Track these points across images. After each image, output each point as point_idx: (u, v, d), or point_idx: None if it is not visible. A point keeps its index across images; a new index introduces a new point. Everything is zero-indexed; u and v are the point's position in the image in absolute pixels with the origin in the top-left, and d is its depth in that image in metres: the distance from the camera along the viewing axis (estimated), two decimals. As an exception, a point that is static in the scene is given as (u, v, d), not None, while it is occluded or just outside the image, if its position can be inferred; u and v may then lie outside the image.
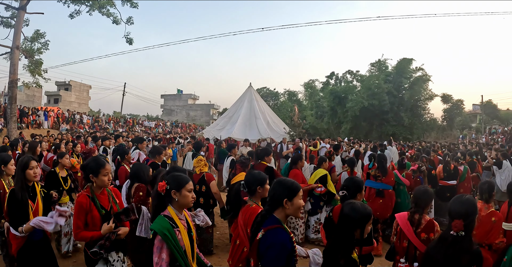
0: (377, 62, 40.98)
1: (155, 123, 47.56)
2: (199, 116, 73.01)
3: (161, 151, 7.82)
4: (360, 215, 3.00)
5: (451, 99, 41.56)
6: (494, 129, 39.64)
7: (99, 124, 36.60)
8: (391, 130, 36.96)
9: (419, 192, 4.33)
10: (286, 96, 54.90)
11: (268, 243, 2.74)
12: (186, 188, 3.22)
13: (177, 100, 76.87)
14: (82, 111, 44.53)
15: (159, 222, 3.11)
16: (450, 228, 3.16)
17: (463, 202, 3.21)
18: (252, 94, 27.30)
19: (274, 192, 2.93)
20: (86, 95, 59.73)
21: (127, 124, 41.24)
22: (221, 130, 24.67)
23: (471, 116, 53.81)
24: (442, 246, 3.20)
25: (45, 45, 22.42)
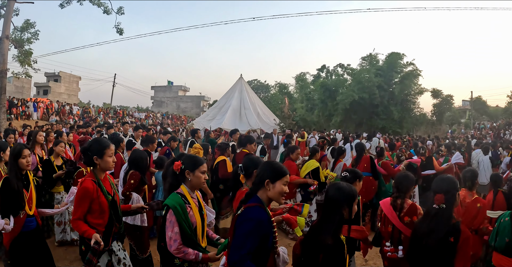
0: (368, 56, 40.92)
1: (145, 114, 47.38)
2: (189, 108, 72.72)
3: (154, 140, 7.99)
4: (347, 193, 3.01)
5: (441, 94, 41.64)
6: (482, 125, 39.89)
7: (89, 115, 36.39)
8: (381, 124, 37.07)
9: (400, 177, 4.48)
10: (277, 88, 54.81)
11: (243, 218, 2.76)
12: (200, 169, 3.38)
13: (168, 92, 76.47)
14: (72, 102, 44.17)
15: (172, 197, 3.27)
16: (433, 202, 3.41)
17: (444, 179, 3.54)
18: (243, 85, 27.35)
19: (259, 172, 2.97)
20: (76, 86, 59.22)
21: (117, 116, 41.03)
22: (211, 121, 24.71)
23: (461, 112, 54.15)
24: (425, 219, 3.48)
25: (35, 35, 22.28)
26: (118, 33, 23.51)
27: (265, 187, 2.85)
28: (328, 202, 3.06)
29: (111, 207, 3.68)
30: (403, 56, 38.80)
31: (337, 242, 2.93)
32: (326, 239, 2.87)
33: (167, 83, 77.72)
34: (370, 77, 36.77)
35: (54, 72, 55.81)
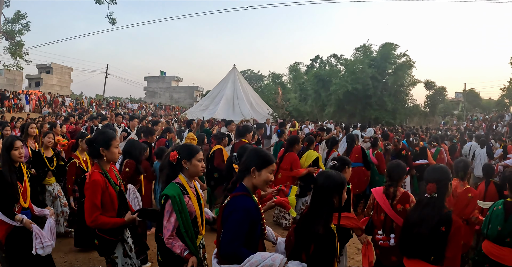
0: (362, 46, 40.83)
1: (138, 105, 47.22)
2: (182, 98, 72.49)
3: (153, 132, 8.03)
4: (336, 181, 3.00)
5: (434, 86, 41.80)
6: (475, 117, 40.03)
7: (81, 107, 36.21)
8: (374, 115, 37.08)
9: (392, 165, 4.51)
10: (270, 79, 54.67)
11: (231, 208, 2.78)
12: (196, 157, 3.43)
13: (161, 83, 76.19)
14: (64, 94, 43.90)
15: (171, 187, 3.29)
16: (425, 191, 3.38)
17: (436, 168, 3.47)
18: (236, 75, 27.32)
19: (245, 159, 2.97)
20: (68, 78, 58.92)
21: (110, 107, 40.86)
22: (204, 111, 24.66)
23: (454, 104, 54.45)
24: (417, 207, 3.44)
25: (26, 26, 22.12)
26: (110, 23, 23.30)
27: (250, 174, 2.88)
28: (317, 191, 3.05)
29: (119, 197, 3.74)
30: (397, 47, 38.82)
31: (328, 232, 2.92)
32: (317, 228, 2.86)
33: (160, 73, 77.42)
34: (363, 68, 36.79)
35: (46, 64, 55.56)
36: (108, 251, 3.71)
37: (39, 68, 55.48)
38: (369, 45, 40.56)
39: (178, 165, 3.39)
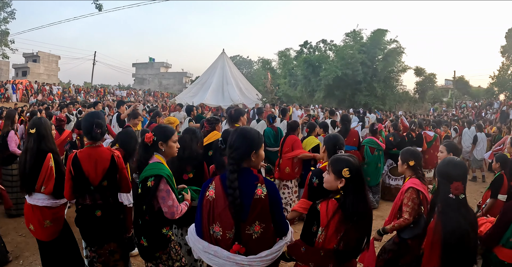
0: (352, 32, 40.87)
1: (126, 92, 46.87)
2: (171, 84, 72.02)
3: (136, 115, 7.82)
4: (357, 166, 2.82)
5: (424, 72, 41.99)
6: (464, 104, 40.23)
7: (69, 95, 35.85)
8: (363, 100, 37.09)
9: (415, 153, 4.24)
10: (260, 64, 54.52)
11: (276, 193, 2.75)
12: (172, 139, 3.45)
13: (149, 69, 75.53)
14: (52, 83, 43.41)
15: (157, 166, 3.23)
16: (448, 192, 2.92)
17: (459, 164, 3.01)
18: (225, 61, 27.16)
19: (240, 145, 2.75)
20: (55, 66, 58.30)
21: (98, 94, 40.52)
22: (193, 97, 24.49)
23: (443, 91, 54.60)
24: (448, 214, 2.92)
25: (11, 15, 21.75)
26: (97, 8, 22.95)
27: (250, 158, 2.75)
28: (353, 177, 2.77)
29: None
30: (386, 32, 38.84)
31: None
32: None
33: (148, 60, 76.70)
34: (353, 53, 36.82)
35: (33, 52, 54.92)
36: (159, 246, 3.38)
37: (26, 57, 54.84)
38: (359, 31, 40.61)
39: (153, 146, 3.38)
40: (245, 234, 2.64)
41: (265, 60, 53.15)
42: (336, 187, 2.79)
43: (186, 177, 4.21)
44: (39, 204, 4.10)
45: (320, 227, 2.69)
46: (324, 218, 2.69)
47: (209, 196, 2.72)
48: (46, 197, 4.13)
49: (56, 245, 4.23)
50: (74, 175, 3.64)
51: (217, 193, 2.70)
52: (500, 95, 42.79)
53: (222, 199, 2.66)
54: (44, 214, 4.11)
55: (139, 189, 3.26)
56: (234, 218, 2.63)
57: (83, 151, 3.74)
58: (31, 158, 4.13)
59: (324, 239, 2.68)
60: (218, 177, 2.80)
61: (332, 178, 2.81)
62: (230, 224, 2.64)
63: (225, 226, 2.65)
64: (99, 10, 22.96)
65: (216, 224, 2.68)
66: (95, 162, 3.65)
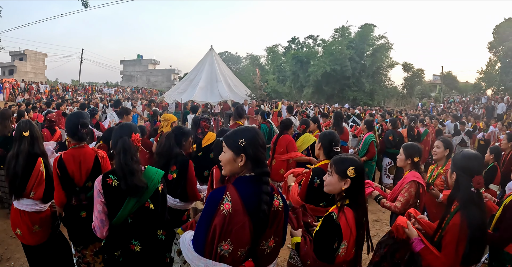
0: (340, 28, 41.13)
1: (114, 90, 46.54)
2: (160, 81, 71.48)
3: (129, 111, 7.73)
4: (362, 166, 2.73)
5: (412, 68, 42.45)
6: (452, 99, 40.44)
7: (56, 93, 35.52)
8: (352, 96, 37.49)
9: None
10: (249, 60, 54.53)
11: (287, 207, 2.53)
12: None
13: (137, 66, 74.79)
14: (39, 81, 42.97)
15: (156, 168, 3.02)
16: (469, 186, 2.81)
17: (477, 157, 2.94)
18: (213, 57, 26.98)
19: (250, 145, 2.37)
20: (42, 64, 57.60)
21: (86, 92, 40.21)
22: (182, 94, 24.29)
23: (431, 86, 54.89)
24: (474, 207, 2.80)
25: (-3, 12, 21.47)
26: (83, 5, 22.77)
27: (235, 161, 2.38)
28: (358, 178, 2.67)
29: None
30: (374, 28, 39.11)
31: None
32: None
33: (136, 57, 76.02)
34: (342, 49, 36.98)
35: (19, 50, 54.25)
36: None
37: (12, 55, 54.08)
38: (348, 26, 40.86)
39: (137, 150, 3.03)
40: (259, 250, 2.34)
41: (253, 56, 53.20)
42: (340, 189, 2.65)
43: (170, 177, 3.98)
44: (27, 209, 3.97)
45: (343, 241, 2.52)
46: (347, 231, 2.52)
47: (225, 211, 2.22)
48: (35, 202, 3.99)
49: (45, 249, 4.14)
50: (60, 176, 3.58)
51: (235, 207, 2.24)
52: (488, 90, 43.04)
53: (241, 214, 2.24)
54: (33, 219, 3.99)
55: (151, 203, 2.84)
56: (252, 235, 2.26)
57: (67, 152, 3.66)
58: (23, 161, 3.96)
59: (346, 252, 2.53)
60: (232, 187, 2.31)
61: (335, 179, 2.67)
62: (246, 241, 2.26)
63: (238, 244, 2.24)
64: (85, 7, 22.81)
65: (226, 242, 2.23)
66: (79, 163, 3.60)
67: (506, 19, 38.00)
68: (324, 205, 3.79)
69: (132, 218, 2.77)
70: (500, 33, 37.71)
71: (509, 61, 36.07)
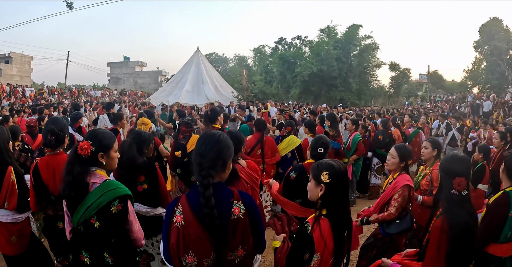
0: (326, 28, 41.37)
1: (101, 92, 46.25)
2: (147, 83, 70.97)
3: (121, 117, 7.52)
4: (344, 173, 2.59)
5: (399, 67, 42.71)
6: (438, 97, 40.74)
7: (42, 97, 35.18)
8: (339, 96, 37.72)
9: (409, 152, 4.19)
10: (236, 61, 54.55)
11: (256, 208, 2.35)
12: (114, 148, 2.80)
13: (124, 68, 73.87)
14: (24, 84, 42.56)
15: (118, 185, 2.65)
16: (450, 188, 2.82)
17: (463, 159, 2.91)
18: (200, 58, 26.90)
19: (220, 152, 2.33)
20: (28, 67, 57.00)
21: (72, 95, 39.90)
22: (168, 96, 24.17)
23: (418, 85, 55.35)
24: (454, 211, 2.78)
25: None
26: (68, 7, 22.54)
27: (225, 169, 2.36)
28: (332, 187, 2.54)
29: None
30: (360, 28, 39.40)
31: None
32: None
33: (123, 59, 75.17)
34: (328, 49, 37.22)
35: (5, 53, 53.67)
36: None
37: (-2, 59, 53.72)
38: (334, 27, 41.01)
39: (91, 160, 2.65)
40: (227, 260, 2.25)
41: (240, 57, 53.27)
42: (317, 195, 2.55)
43: (140, 188, 3.80)
44: (3, 220, 3.82)
45: (315, 253, 2.40)
46: (320, 243, 2.42)
47: (177, 223, 2.20)
48: (10, 212, 3.82)
49: (24, 259, 4.03)
50: (34, 184, 3.47)
51: (187, 218, 2.20)
52: (474, 88, 43.51)
53: (194, 224, 2.18)
54: (10, 230, 3.85)
55: (96, 221, 2.55)
56: (212, 245, 2.20)
57: (43, 159, 3.53)
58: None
59: (319, 264, 2.42)
60: (184, 197, 2.29)
61: (312, 185, 2.60)
62: (208, 252, 2.20)
63: (201, 255, 2.19)
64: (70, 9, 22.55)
65: (189, 255, 2.20)
66: (53, 171, 3.43)
67: (492, 19, 38.41)
68: (300, 202, 3.88)
69: (83, 229, 2.58)
70: (485, 32, 38.10)
71: (495, 60, 36.53)
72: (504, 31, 37.36)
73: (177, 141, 6.19)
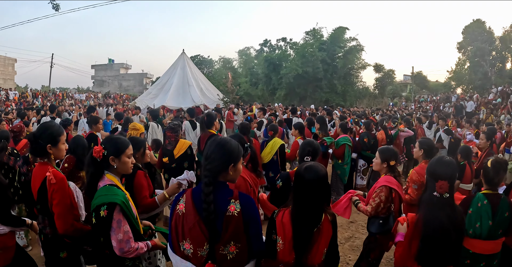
0: (311, 30, 41.63)
1: (86, 95, 45.90)
2: (132, 86, 70.60)
3: (97, 120, 7.45)
4: (320, 174, 2.73)
5: (383, 69, 43.23)
6: (422, 98, 41.12)
7: (26, 100, 34.82)
8: (324, 97, 38.06)
9: (395, 153, 4.26)
10: (221, 63, 54.51)
11: (252, 209, 2.48)
12: (126, 153, 2.93)
13: (109, 71, 73.47)
14: (8, 87, 42.10)
15: (111, 192, 2.75)
16: (433, 190, 3.00)
17: (448, 163, 3.06)
18: (185, 61, 26.90)
19: (220, 155, 2.51)
20: (12, 70, 56.28)
21: (56, 98, 39.54)
22: (154, 99, 24.13)
23: (402, 86, 55.86)
24: (431, 211, 2.99)
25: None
26: (54, 9, 22.33)
27: (228, 171, 2.51)
28: (305, 187, 2.73)
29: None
30: (347, 31, 39.77)
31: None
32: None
33: (107, 61, 74.78)
34: (313, 51, 37.46)
35: (-13, 56, 53.08)
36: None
37: (-20, 61, 53.08)
38: (319, 29, 41.26)
39: (103, 163, 2.86)
40: (219, 254, 2.42)
41: (226, 59, 53.20)
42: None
43: None
44: None
45: (278, 236, 2.65)
46: (280, 227, 2.66)
47: (179, 210, 2.49)
48: None
49: None
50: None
51: (187, 208, 2.47)
52: (457, 89, 44.10)
53: (192, 214, 2.44)
54: None
55: (93, 218, 2.74)
56: (206, 236, 2.40)
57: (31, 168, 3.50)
58: None
59: (282, 249, 2.63)
60: (190, 190, 2.57)
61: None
62: (202, 242, 2.42)
63: (196, 244, 2.43)
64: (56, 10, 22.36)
65: (186, 241, 2.46)
66: (33, 182, 3.29)
67: (475, 20, 39.08)
68: None
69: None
70: (469, 33, 38.78)
71: (478, 60, 37.17)
72: (487, 32, 38.04)
73: (163, 147, 6.22)
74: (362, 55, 40.85)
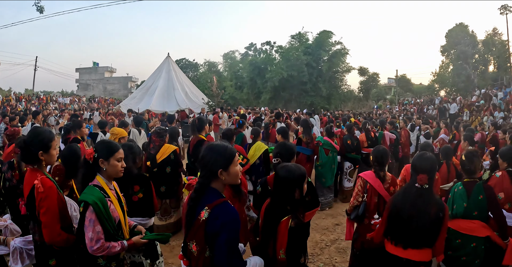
0: (297, 34, 41.84)
1: (70, 99, 45.50)
2: (116, 90, 70.15)
3: (81, 124, 7.28)
4: (297, 175, 2.97)
5: (368, 72, 43.59)
6: (406, 100, 41.49)
7: (9, 103, 34.42)
8: (309, 100, 38.27)
9: (378, 151, 4.56)
10: (206, 67, 54.39)
11: (221, 221, 2.40)
12: (115, 156, 3.03)
13: (93, 74, 72.93)
14: (-10, 91, 41.58)
15: (90, 191, 2.87)
16: (415, 181, 3.44)
17: (427, 158, 3.51)
18: (170, 65, 26.79)
19: (207, 161, 2.56)
20: (-5, 73, 55.99)
21: (40, 102, 39.15)
22: (138, 103, 23.97)
23: (386, 89, 56.46)
24: (407, 198, 3.47)
25: None
26: (38, 11, 22.08)
27: (218, 177, 2.53)
28: (279, 185, 3.04)
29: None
30: (332, 35, 39.95)
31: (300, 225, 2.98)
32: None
33: (92, 64, 74.16)
34: (298, 55, 37.64)
35: (-30, 59, 52.36)
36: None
37: (-38, 65, 52.36)
38: (304, 33, 41.49)
39: (95, 165, 2.98)
40: (188, 249, 2.58)
41: (211, 63, 53.18)
42: None
43: (136, 198, 4.03)
44: None
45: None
46: (261, 214, 3.14)
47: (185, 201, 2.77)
48: None
49: None
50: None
51: (185, 203, 2.71)
52: (441, 91, 44.68)
53: (185, 209, 2.68)
54: None
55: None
56: (185, 230, 2.63)
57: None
58: None
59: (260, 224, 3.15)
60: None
61: None
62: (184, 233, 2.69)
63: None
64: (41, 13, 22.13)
65: (184, 227, 2.74)
66: (24, 187, 3.23)
67: (458, 24, 39.70)
68: None
69: None
70: (452, 37, 39.36)
71: (461, 63, 37.77)
72: (469, 36, 38.63)
73: (148, 151, 6.23)
74: (346, 59, 41.21)
